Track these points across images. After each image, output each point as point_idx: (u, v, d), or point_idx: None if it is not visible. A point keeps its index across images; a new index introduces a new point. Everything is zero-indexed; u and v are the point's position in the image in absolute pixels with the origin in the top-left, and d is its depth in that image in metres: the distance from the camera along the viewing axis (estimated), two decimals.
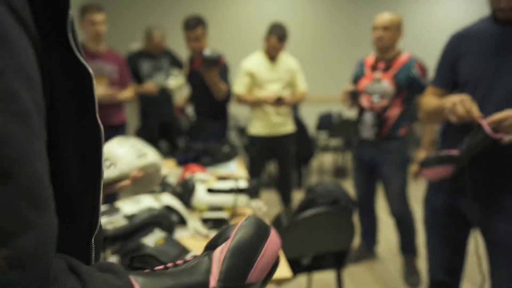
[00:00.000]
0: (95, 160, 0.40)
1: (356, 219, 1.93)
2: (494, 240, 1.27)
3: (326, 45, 5.16)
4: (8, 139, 0.26)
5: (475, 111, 1.13)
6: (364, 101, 2.24)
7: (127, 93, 2.70)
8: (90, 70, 0.38)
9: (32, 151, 0.28)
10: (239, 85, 2.66)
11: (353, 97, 2.24)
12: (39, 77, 0.31)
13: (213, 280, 0.41)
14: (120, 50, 3.25)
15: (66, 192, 0.37)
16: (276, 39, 2.54)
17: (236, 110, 4.66)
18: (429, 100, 1.39)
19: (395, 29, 2.13)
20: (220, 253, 0.43)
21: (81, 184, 0.38)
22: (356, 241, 2.61)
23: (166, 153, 3.30)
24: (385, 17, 2.14)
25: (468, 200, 1.30)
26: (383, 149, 2.22)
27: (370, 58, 2.28)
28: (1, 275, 0.25)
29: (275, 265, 0.46)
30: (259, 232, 0.45)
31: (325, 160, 4.90)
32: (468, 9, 5.30)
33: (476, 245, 1.26)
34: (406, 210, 2.28)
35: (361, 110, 2.28)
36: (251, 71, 2.62)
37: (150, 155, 0.92)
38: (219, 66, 2.39)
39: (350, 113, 4.71)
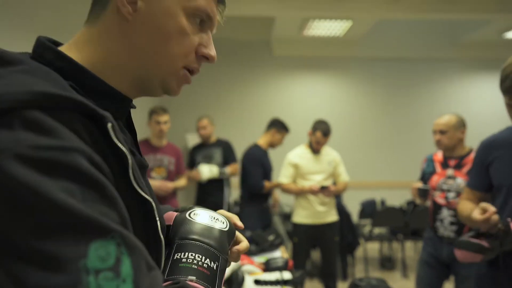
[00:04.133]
0: (158, 264, 0.53)
1: None
2: None
3: (368, 131, 5.34)
4: (123, 234, 0.39)
5: (495, 220, 1.20)
6: (439, 198, 2.26)
7: (180, 182, 2.97)
8: (151, 200, 0.50)
9: (135, 240, 0.41)
10: (284, 176, 2.85)
11: (423, 194, 2.30)
12: (121, 201, 0.42)
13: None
14: (178, 140, 3.63)
15: None
16: (321, 134, 2.77)
17: (280, 197, 4.80)
18: (464, 206, 1.48)
19: (453, 131, 2.20)
20: None
21: None
22: None
23: None
24: (441, 121, 2.25)
25: None
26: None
27: (439, 155, 2.36)
28: None
29: None
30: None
31: (370, 249, 4.74)
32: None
33: None
34: None
35: (436, 207, 2.26)
36: (295, 163, 2.82)
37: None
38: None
39: (394, 200, 4.67)
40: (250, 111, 5.34)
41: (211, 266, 0.54)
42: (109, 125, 0.45)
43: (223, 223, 0.63)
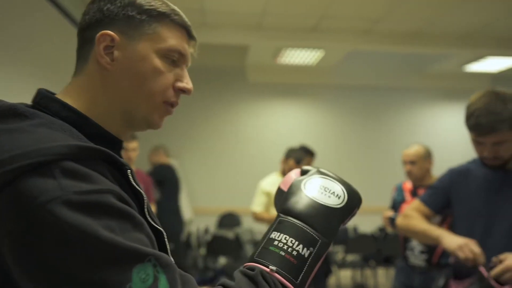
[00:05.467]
0: None
1: None
2: None
3: (340, 158, 5.42)
4: (157, 254, 0.46)
5: (480, 258, 1.20)
6: None
7: None
8: (162, 230, 0.56)
9: (166, 258, 0.47)
10: (256, 204, 2.82)
11: (393, 222, 2.32)
12: (147, 226, 0.50)
13: None
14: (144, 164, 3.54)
15: None
16: (293, 162, 2.77)
17: (252, 225, 4.74)
18: (419, 218, 1.48)
19: (422, 161, 2.30)
20: None
21: None
22: None
23: None
24: (410, 151, 2.33)
25: None
26: (435, 276, 2.19)
27: (408, 184, 2.41)
28: None
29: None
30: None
31: (343, 276, 4.72)
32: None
33: None
34: None
35: (406, 236, 2.26)
36: (268, 191, 2.80)
37: None
38: None
39: (366, 226, 4.71)
40: (225, 137, 5.32)
41: (302, 253, 0.53)
42: (129, 172, 0.53)
43: (339, 197, 0.58)
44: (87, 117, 0.56)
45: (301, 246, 0.52)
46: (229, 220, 4.84)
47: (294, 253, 0.52)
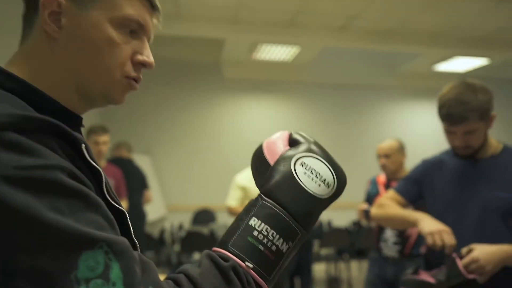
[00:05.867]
0: None
1: None
2: None
3: None
4: (106, 236, 0.41)
5: (449, 247, 1.22)
6: None
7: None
8: (124, 210, 0.51)
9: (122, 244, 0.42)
10: (232, 199, 2.78)
11: (368, 215, 2.35)
12: (104, 205, 0.45)
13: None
14: None
15: None
16: None
17: (227, 221, 4.70)
18: (394, 206, 1.50)
19: (396, 154, 2.35)
20: None
21: None
22: None
23: None
24: (384, 145, 2.38)
25: None
26: (407, 267, 2.23)
27: (382, 177, 2.45)
28: None
29: (292, 136, 0.58)
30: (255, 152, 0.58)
31: (317, 270, 4.77)
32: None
33: None
34: None
35: (380, 228, 2.33)
36: (243, 185, 2.77)
37: None
38: None
39: (340, 221, 4.78)
40: (199, 133, 5.25)
41: (281, 248, 0.48)
42: (83, 146, 0.47)
43: (328, 186, 0.52)
44: (37, 88, 0.50)
45: (281, 240, 0.48)
46: (204, 216, 4.78)
47: (273, 248, 0.48)
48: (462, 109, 1.26)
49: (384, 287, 2.31)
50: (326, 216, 5.07)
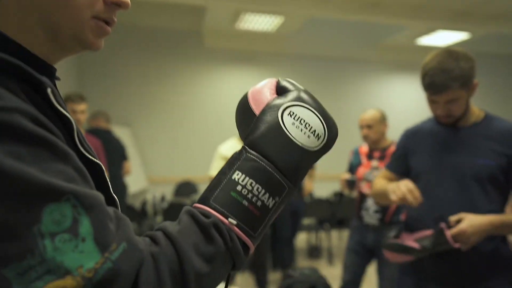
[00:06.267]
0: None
1: None
2: None
3: None
4: (76, 189, 0.37)
5: (410, 196, 1.26)
6: (365, 188, 2.37)
7: None
8: (99, 162, 0.47)
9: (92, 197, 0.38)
10: (215, 169, 2.77)
11: (350, 184, 2.39)
12: (75, 155, 0.40)
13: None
14: None
15: None
16: None
17: None
18: (379, 181, 1.54)
19: (378, 125, 2.37)
20: None
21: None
22: None
23: None
24: (367, 116, 2.38)
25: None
26: (387, 234, 2.29)
27: (364, 148, 2.48)
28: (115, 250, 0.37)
29: (280, 83, 0.53)
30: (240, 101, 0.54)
31: (298, 239, 4.89)
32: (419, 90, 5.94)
33: None
34: None
35: (362, 196, 2.38)
36: (226, 155, 2.75)
37: None
38: None
39: (322, 192, 4.87)
40: (180, 104, 5.15)
41: (267, 204, 0.45)
42: (49, 90, 0.42)
43: (318, 137, 0.48)
44: (3, 33, 0.43)
45: (267, 195, 0.45)
46: (185, 188, 4.77)
47: (259, 203, 0.45)
48: (444, 78, 1.25)
49: (364, 253, 2.39)
50: None
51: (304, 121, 0.48)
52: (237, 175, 0.45)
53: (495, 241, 1.30)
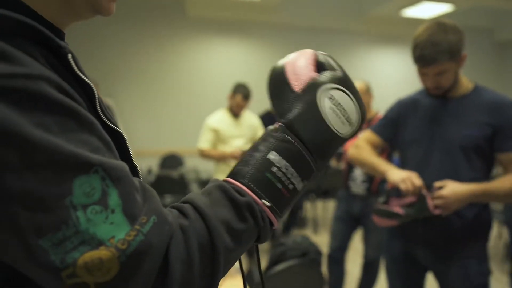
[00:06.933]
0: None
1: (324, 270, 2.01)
2: (447, 283, 1.42)
3: None
4: (102, 160, 0.37)
5: (420, 186, 1.31)
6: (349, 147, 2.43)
7: None
8: (121, 131, 0.47)
9: (120, 169, 0.38)
10: (203, 141, 2.76)
11: (338, 156, 2.44)
12: (99, 125, 0.40)
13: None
14: None
15: None
16: (241, 97, 2.72)
17: (197, 164, 4.71)
18: (369, 150, 1.57)
19: (364, 96, 2.42)
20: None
21: None
22: None
23: None
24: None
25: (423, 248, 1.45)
26: (373, 203, 2.38)
27: None
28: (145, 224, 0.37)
29: (320, 57, 0.52)
30: (272, 71, 0.53)
31: None
32: (404, 62, 6.00)
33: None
34: (378, 258, 2.43)
35: (349, 167, 2.43)
36: (215, 127, 2.75)
37: None
38: None
39: None
40: (163, 75, 5.04)
41: (296, 187, 0.46)
42: (69, 55, 0.41)
43: (351, 125, 0.48)
44: None
45: (299, 179, 0.46)
46: (171, 161, 4.75)
47: (290, 186, 0.45)
48: (433, 50, 1.28)
49: (351, 222, 2.48)
50: None
51: (342, 106, 0.48)
52: (273, 155, 0.45)
53: (477, 207, 1.37)
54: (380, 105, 3.06)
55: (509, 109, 1.33)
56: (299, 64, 0.50)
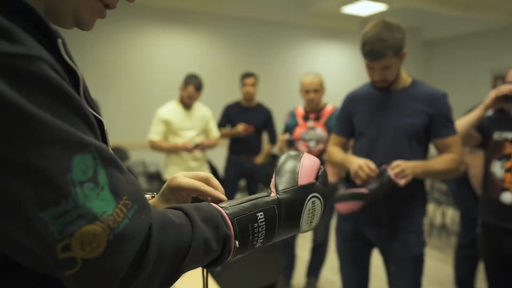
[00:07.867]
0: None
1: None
2: (390, 257, 1.58)
3: (231, 89, 5.50)
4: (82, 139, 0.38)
5: (373, 169, 1.44)
6: (302, 147, 2.52)
7: None
8: (101, 118, 0.49)
9: (107, 151, 0.41)
10: (154, 133, 2.71)
11: (290, 144, 2.52)
12: (81, 102, 0.41)
13: (273, 192, 0.58)
14: None
15: None
16: (193, 88, 2.70)
17: (143, 157, 4.57)
18: (336, 151, 1.70)
19: (322, 89, 2.52)
20: (272, 181, 0.61)
21: None
22: None
23: None
24: (314, 80, 2.48)
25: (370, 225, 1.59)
26: (332, 191, 2.49)
27: (300, 110, 2.61)
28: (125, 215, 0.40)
29: (321, 170, 0.62)
30: (290, 156, 0.63)
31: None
32: (349, 56, 6.32)
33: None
34: (327, 239, 2.58)
35: None
36: (166, 119, 2.70)
37: None
38: None
39: None
40: (106, 64, 4.79)
41: (256, 246, 0.56)
42: (59, 40, 0.42)
43: (310, 226, 0.61)
44: None
45: (262, 240, 0.56)
46: (116, 155, 4.55)
47: (254, 243, 0.55)
48: (381, 46, 1.41)
49: None
50: None
51: (314, 212, 0.60)
52: (261, 215, 0.55)
53: (414, 183, 1.54)
54: (326, 97, 3.23)
55: (443, 100, 1.50)
56: (311, 168, 0.61)
